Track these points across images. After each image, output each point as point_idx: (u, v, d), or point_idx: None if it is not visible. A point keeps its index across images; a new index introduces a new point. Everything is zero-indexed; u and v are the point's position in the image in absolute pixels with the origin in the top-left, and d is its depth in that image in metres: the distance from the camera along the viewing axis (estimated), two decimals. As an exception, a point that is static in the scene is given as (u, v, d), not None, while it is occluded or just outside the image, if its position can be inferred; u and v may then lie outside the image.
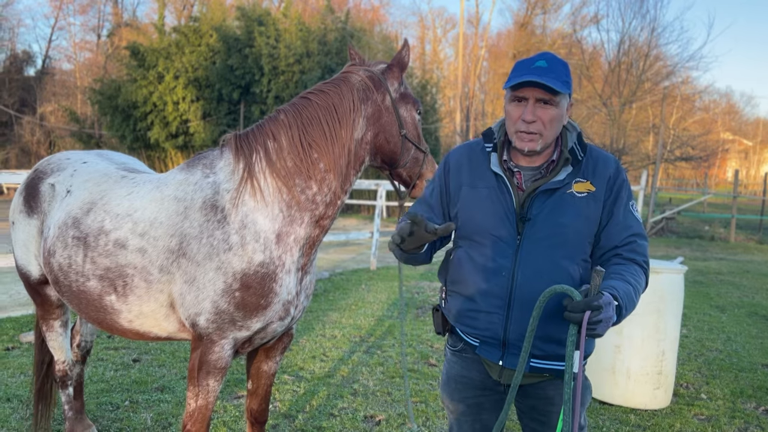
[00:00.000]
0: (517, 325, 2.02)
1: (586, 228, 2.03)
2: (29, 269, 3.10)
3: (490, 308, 2.06)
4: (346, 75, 2.55)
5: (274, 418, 3.98)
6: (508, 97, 2.04)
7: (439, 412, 4.21)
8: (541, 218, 2.02)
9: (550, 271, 2.00)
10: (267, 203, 2.44)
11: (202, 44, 23.28)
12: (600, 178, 2.05)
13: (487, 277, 2.06)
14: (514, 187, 2.07)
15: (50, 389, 3.58)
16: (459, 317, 2.16)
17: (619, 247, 2.02)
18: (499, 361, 2.08)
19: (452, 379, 2.26)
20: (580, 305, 1.71)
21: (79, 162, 3.04)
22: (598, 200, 2.03)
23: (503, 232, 2.05)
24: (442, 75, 37.68)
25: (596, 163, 2.08)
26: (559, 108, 1.99)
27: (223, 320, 2.43)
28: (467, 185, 2.14)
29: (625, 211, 2.05)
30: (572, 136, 2.10)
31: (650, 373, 4.49)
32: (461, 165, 2.19)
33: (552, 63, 1.98)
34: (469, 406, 2.22)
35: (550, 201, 2.03)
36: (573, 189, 2.04)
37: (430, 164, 2.66)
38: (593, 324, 1.72)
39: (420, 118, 2.63)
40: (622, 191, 2.06)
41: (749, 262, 13.85)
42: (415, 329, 6.39)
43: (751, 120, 54.16)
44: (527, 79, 1.92)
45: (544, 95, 1.95)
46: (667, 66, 29.66)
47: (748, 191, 37.41)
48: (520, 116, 1.98)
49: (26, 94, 35.00)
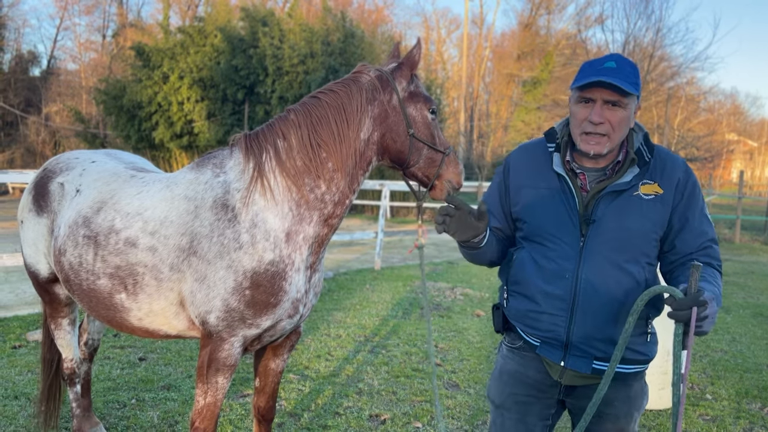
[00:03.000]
0: (580, 327, 2.01)
1: (652, 231, 2.00)
2: (38, 268, 3.12)
3: (553, 310, 2.04)
4: (356, 75, 2.55)
5: (279, 416, 3.99)
6: (575, 97, 2.01)
7: (444, 411, 4.22)
8: (606, 220, 1.99)
9: (614, 274, 1.98)
10: (277, 202, 2.45)
11: (206, 44, 23.31)
12: (668, 181, 2.01)
13: (550, 279, 2.03)
14: (578, 189, 2.04)
15: (58, 388, 3.60)
16: (520, 317, 2.14)
17: (694, 253, 1.99)
18: (560, 362, 2.06)
19: (506, 373, 2.23)
20: (686, 302, 1.66)
21: (87, 161, 3.06)
22: (666, 203, 1.99)
23: (566, 233, 2.02)
24: (447, 75, 37.63)
25: (664, 164, 2.03)
26: (627, 110, 1.96)
27: (233, 318, 2.44)
28: (528, 186, 2.12)
29: (701, 217, 2.01)
30: (639, 137, 2.07)
31: (655, 373, 4.49)
32: (521, 166, 2.18)
33: (621, 64, 1.95)
34: (517, 403, 2.19)
35: (616, 203, 2.00)
36: (640, 191, 2.00)
37: (452, 164, 2.55)
38: (700, 320, 1.67)
39: (434, 116, 2.55)
40: (695, 195, 2.01)
41: (754, 263, 13.81)
42: (420, 329, 6.40)
43: (757, 121, 53.96)
44: (597, 79, 1.89)
45: (612, 96, 1.92)
46: (672, 67, 29.62)
47: (753, 192, 37.26)
48: (587, 117, 1.95)
49: (31, 95, 35.13)
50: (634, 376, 2.11)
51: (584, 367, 2.03)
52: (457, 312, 7.30)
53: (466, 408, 4.34)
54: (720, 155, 34.95)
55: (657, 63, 28.82)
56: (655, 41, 28.47)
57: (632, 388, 2.11)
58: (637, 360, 2.07)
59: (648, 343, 2.09)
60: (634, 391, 2.12)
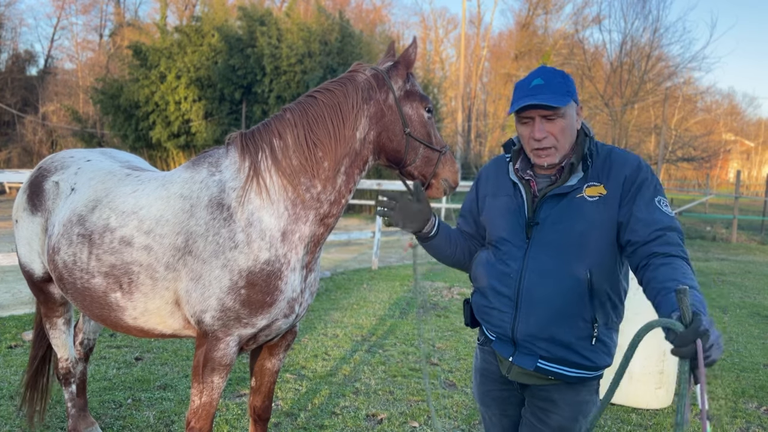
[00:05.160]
0: (524, 325, 2.07)
1: (596, 232, 2.00)
2: (32, 267, 3.11)
3: (501, 307, 2.13)
4: (352, 74, 2.54)
5: (276, 416, 3.98)
6: (516, 119, 2.10)
7: (440, 411, 4.22)
8: (548, 222, 2.05)
9: (555, 274, 2.02)
10: (273, 201, 2.44)
11: (204, 44, 23.29)
12: (614, 181, 2.02)
13: (499, 277, 2.13)
14: (530, 195, 2.12)
15: (45, 384, 3.59)
16: (479, 312, 2.25)
17: (649, 244, 1.90)
18: (509, 357, 2.13)
19: (477, 371, 2.35)
20: (688, 336, 1.50)
21: (83, 160, 3.05)
22: (610, 203, 2.00)
23: (514, 236, 2.12)
24: (444, 75, 37.66)
25: (612, 165, 2.05)
26: (566, 118, 2.02)
27: (229, 317, 2.44)
28: (491, 195, 2.25)
29: (649, 207, 1.95)
30: (587, 141, 2.10)
31: (652, 372, 4.49)
32: (489, 176, 2.31)
33: (548, 78, 2.01)
34: (494, 399, 2.29)
35: (559, 206, 2.05)
36: (584, 193, 2.03)
37: (448, 163, 2.56)
38: (707, 351, 1.49)
39: (430, 115, 2.56)
40: (643, 188, 1.98)
41: (751, 262, 13.84)
42: (417, 329, 6.40)
43: (753, 121, 54.14)
44: (525, 104, 1.98)
45: (546, 112, 2.00)
46: (669, 66, 29.66)
47: (750, 192, 37.36)
48: (531, 135, 2.04)
49: (28, 94, 35.08)
50: (581, 383, 2.10)
51: (529, 364, 2.08)
52: (454, 311, 7.30)
53: (463, 407, 4.34)
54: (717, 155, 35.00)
55: (654, 63, 28.86)
56: (653, 41, 28.50)
57: (580, 393, 2.11)
58: (581, 365, 2.05)
59: (594, 349, 2.04)
60: (581, 396, 2.11)
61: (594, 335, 2.04)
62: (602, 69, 31.24)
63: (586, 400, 2.13)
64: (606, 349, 2.09)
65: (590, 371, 2.09)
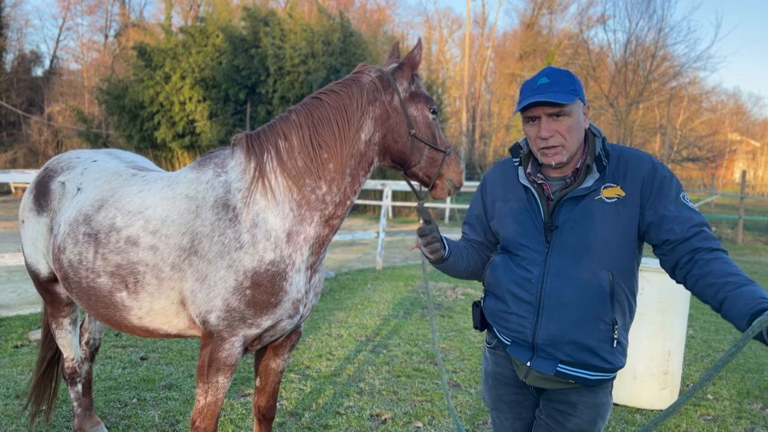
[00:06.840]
0: (545, 330, 2.05)
1: (617, 234, 2.00)
2: (38, 267, 3.13)
3: (521, 312, 2.10)
4: (357, 75, 2.55)
5: (280, 416, 4.00)
6: (523, 119, 2.10)
7: (444, 411, 4.23)
8: (568, 226, 2.04)
9: (577, 278, 2.01)
10: (278, 202, 2.45)
11: (208, 44, 23.34)
12: (631, 182, 2.01)
13: (519, 282, 2.11)
14: (544, 198, 2.10)
15: (54, 386, 3.61)
16: (493, 316, 2.22)
17: (689, 240, 1.91)
18: (527, 362, 2.11)
19: (489, 376, 2.32)
20: None
21: (89, 160, 3.07)
22: (629, 205, 1.99)
23: (532, 241, 2.10)
24: (448, 75, 37.65)
25: (627, 165, 2.04)
26: (573, 116, 2.02)
27: (234, 318, 2.45)
28: (500, 199, 2.23)
29: (678, 205, 1.96)
30: (599, 142, 2.10)
31: (656, 373, 4.49)
32: (496, 181, 2.28)
33: (554, 77, 2.02)
34: (508, 403, 2.28)
35: (578, 209, 2.03)
36: (602, 195, 2.02)
37: (453, 164, 2.58)
38: None
39: (435, 116, 2.57)
40: (665, 187, 1.98)
41: (756, 263, 13.79)
42: (421, 329, 6.41)
43: (759, 121, 53.85)
44: (532, 101, 1.98)
45: (552, 110, 2.00)
46: (674, 66, 29.59)
47: (755, 192, 37.21)
48: (537, 134, 2.04)
49: (34, 94, 35.22)
50: (599, 385, 2.12)
51: (549, 368, 2.07)
52: (459, 312, 7.30)
53: (467, 408, 4.34)
54: (722, 155, 34.89)
55: (659, 63, 28.79)
56: (657, 41, 28.45)
57: (598, 395, 2.12)
58: (601, 367, 2.06)
59: (614, 351, 2.06)
60: (599, 399, 2.13)
61: (615, 337, 2.05)
62: (607, 69, 31.20)
63: (603, 402, 2.14)
64: (623, 350, 2.10)
65: (609, 373, 2.09)
